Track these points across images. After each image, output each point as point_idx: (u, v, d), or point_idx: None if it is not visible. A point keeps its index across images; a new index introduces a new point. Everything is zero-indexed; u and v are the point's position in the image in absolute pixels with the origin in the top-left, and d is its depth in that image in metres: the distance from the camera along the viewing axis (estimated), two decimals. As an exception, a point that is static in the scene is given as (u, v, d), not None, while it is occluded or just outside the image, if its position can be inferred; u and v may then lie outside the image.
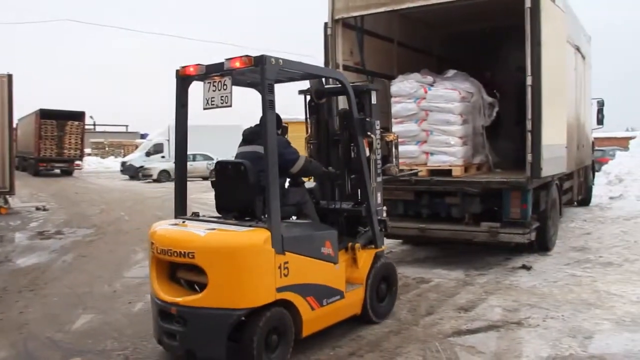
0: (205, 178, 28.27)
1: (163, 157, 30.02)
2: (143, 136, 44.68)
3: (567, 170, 8.81)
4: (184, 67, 4.45)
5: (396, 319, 5.19)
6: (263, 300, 3.91)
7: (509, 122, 9.79)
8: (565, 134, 8.23)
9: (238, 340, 3.88)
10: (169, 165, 27.33)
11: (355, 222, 5.27)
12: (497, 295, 5.94)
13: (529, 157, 6.63)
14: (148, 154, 30.07)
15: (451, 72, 8.30)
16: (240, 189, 4.37)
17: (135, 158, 30.07)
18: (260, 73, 3.98)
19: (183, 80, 4.51)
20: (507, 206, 6.98)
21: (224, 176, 4.57)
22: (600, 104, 13.34)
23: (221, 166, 4.63)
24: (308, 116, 5.67)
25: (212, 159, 28.34)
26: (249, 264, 3.86)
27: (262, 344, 3.89)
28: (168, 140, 31.12)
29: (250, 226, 4.06)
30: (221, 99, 4.16)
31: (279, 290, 3.99)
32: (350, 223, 5.25)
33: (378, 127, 5.28)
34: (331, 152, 5.55)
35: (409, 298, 5.87)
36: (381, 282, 5.18)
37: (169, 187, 22.89)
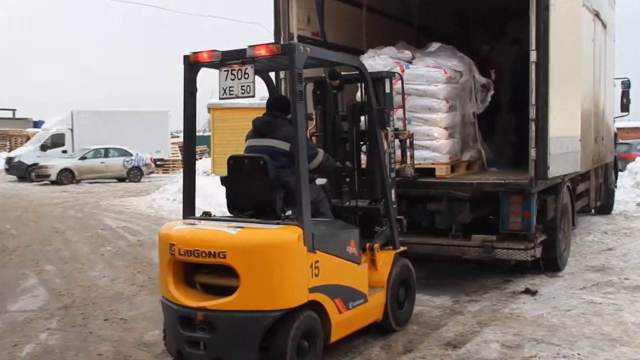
0: (121, 179, 27.91)
1: (64, 151, 29.53)
2: (37, 124, 43.72)
3: (582, 169, 9.02)
4: (195, 52, 5.12)
5: (366, 359, 5.27)
6: (297, 301, 4.62)
7: (508, 109, 9.98)
8: (580, 123, 8.42)
9: (268, 346, 4.52)
10: (73, 162, 26.93)
11: (369, 221, 6.06)
12: (494, 327, 6.08)
13: (533, 152, 6.79)
14: (44, 147, 29.53)
15: (435, 46, 8.43)
16: (259, 186, 5.12)
17: (27, 153, 29.42)
18: (288, 62, 4.74)
19: (191, 66, 5.19)
20: (506, 214, 7.13)
21: (239, 172, 5.26)
22: (626, 85, 13.63)
23: (235, 161, 5.33)
24: (313, 106, 6.50)
25: (130, 154, 27.99)
26: (285, 262, 4.59)
27: (294, 350, 4.54)
28: (71, 130, 30.63)
29: (278, 224, 4.78)
30: (242, 89, 4.88)
31: (311, 290, 4.71)
32: (363, 222, 5.98)
33: (392, 118, 6.33)
34: (337, 145, 6.48)
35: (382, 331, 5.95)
36: (400, 285, 6.01)
37: (72, 191, 22.50)
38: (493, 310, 6.62)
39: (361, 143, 6.35)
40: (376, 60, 7.71)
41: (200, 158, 38.27)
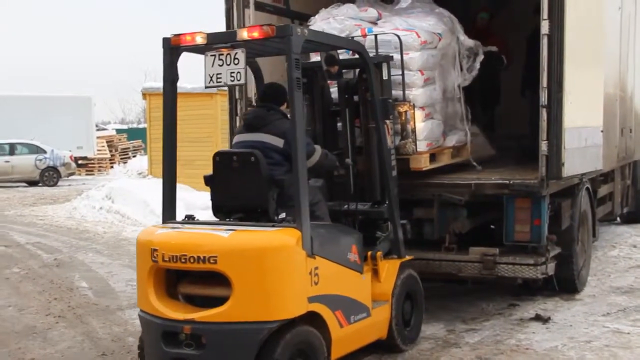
0: (32, 183, 27.63)
1: None
2: None
3: (605, 167, 9.10)
4: (177, 35, 5.57)
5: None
6: (296, 311, 5.08)
7: (513, 92, 10.05)
8: (602, 110, 8.47)
9: None
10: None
11: (369, 225, 6.55)
12: (497, 362, 6.18)
13: (544, 146, 6.88)
14: None
15: (407, 1, 8.17)
16: (250, 185, 5.59)
17: None
18: (285, 46, 5.20)
19: (172, 50, 5.65)
20: (511, 222, 7.21)
21: (227, 170, 5.71)
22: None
23: (222, 157, 5.81)
24: None
25: (43, 151, 27.72)
26: (282, 268, 5.06)
27: None
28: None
29: (273, 226, 5.27)
30: (231, 76, 5.34)
31: (311, 300, 5.18)
32: (362, 227, 6.47)
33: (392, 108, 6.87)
34: (327, 140, 6.88)
35: (358, 369, 6.04)
36: (406, 299, 6.50)
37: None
38: (496, 342, 6.71)
39: (356, 125, 6.87)
40: (330, 24, 7.57)
41: (134, 156, 38.06)
